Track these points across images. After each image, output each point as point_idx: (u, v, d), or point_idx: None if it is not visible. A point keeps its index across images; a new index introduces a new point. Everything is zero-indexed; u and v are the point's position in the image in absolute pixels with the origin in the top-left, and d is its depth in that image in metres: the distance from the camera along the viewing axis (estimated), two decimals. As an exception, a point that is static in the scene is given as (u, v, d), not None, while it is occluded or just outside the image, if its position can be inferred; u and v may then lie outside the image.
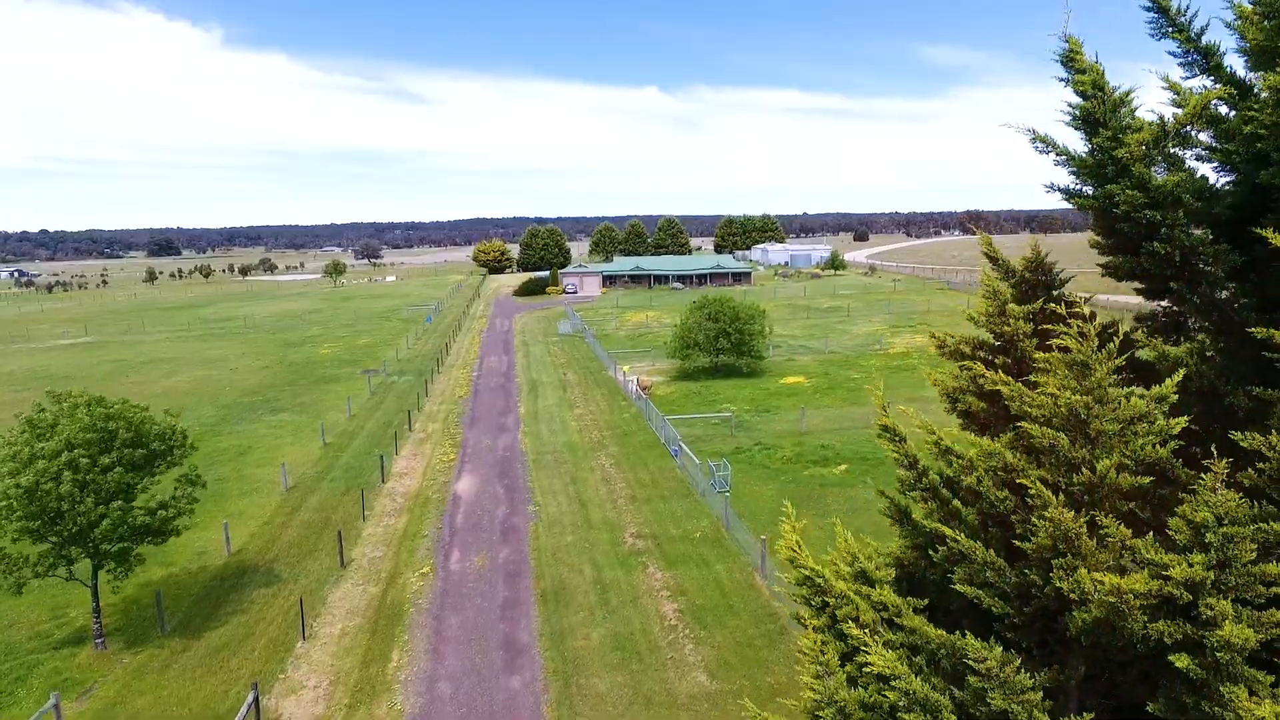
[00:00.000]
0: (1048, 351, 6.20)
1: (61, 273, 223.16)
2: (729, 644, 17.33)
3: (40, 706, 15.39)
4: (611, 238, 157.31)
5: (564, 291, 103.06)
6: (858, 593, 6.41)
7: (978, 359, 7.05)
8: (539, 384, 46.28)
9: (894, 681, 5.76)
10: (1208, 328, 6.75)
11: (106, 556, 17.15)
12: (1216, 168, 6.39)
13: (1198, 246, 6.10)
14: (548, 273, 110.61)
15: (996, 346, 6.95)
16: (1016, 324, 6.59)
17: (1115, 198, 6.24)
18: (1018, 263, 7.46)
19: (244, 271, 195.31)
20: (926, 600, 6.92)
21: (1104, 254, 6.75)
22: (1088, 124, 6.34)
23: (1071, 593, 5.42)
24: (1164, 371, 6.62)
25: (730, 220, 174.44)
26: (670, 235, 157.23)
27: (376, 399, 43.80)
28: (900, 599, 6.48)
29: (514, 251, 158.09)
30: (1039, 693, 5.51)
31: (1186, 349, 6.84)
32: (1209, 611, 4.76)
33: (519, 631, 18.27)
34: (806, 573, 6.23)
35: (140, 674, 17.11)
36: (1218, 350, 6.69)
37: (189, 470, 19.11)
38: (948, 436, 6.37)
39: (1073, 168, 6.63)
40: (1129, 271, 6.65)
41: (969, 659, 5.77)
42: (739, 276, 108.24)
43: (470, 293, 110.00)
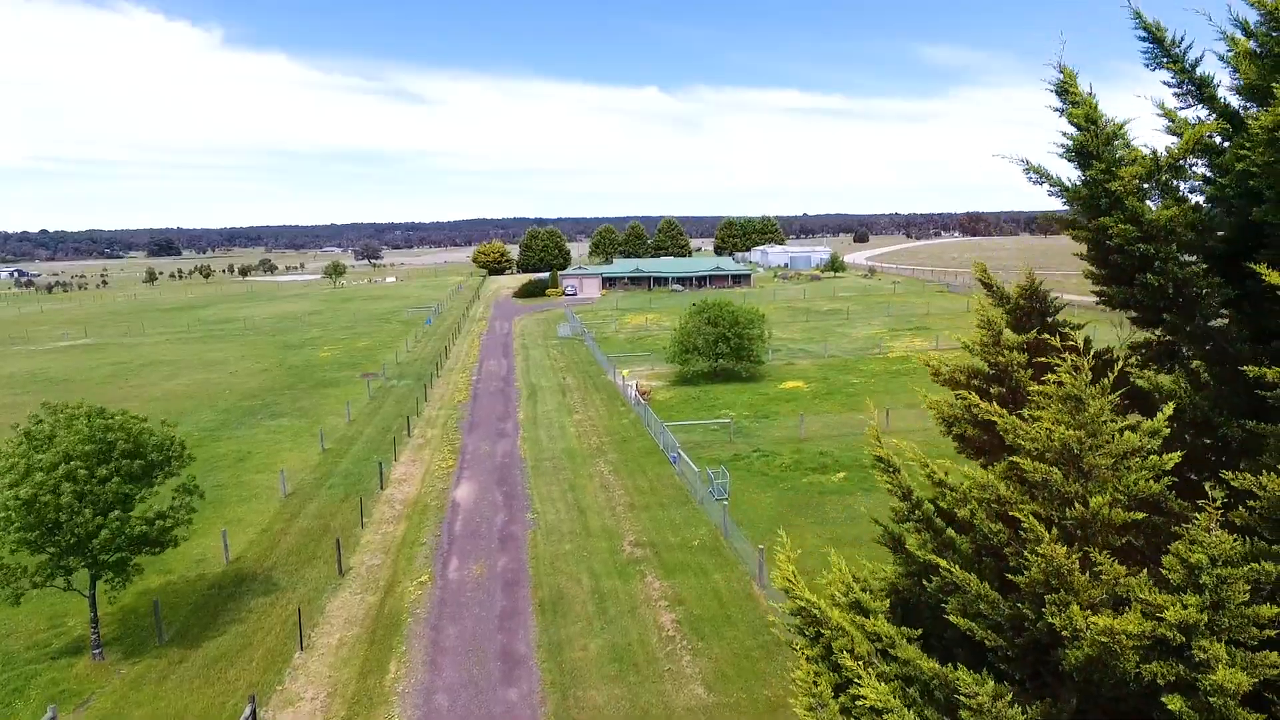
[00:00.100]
0: (1042, 381, 6.21)
1: (61, 273, 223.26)
2: (726, 655, 17.33)
3: (38, 719, 15.40)
4: (611, 239, 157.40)
5: (564, 293, 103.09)
6: (852, 622, 6.41)
7: (973, 387, 7.05)
8: (538, 388, 46.29)
9: (887, 716, 5.76)
10: (1202, 356, 6.75)
11: (104, 567, 17.15)
12: (1210, 201, 6.40)
13: (1191, 279, 6.11)
14: (547, 274, 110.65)
15: (991, 375, 6.96)
16: (1011, 355, 6.60)
17: (1109, 230, 6.25)
18: (1013, 290, 7.47)
19: (244, 272, 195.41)
20: (921, 630, 6.93)
21: (1098, 284, 6.75)
22: (1081, 156, 6.34)
23: (1064, 629, 5.43)
24: (1157, 402, 6.64)
25: (730, 222, 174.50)
26: (670, 237, 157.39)
27: (376, 403, 43.81)
28: (894, 629, 6.48)
29: (514, 253, 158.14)
30: (1031, 727, 5.51)
31: (1180, 379, 6.85)
32: (1202, 654, 4.77)
33: (517, 642, 18.27)
34: (802, 603, 6.23)
35: (138, 685, 17.11)
36: (1213, 377, 6.69)
37: (187, 480, 19.12)
38: (939, 468, 6.37)
39: (1066, 198, 6.63)
40: (1123, 301, 6.66)
41: (961, 693, 5.78)
42: (738, 279, 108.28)
43: (470, 294, 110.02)
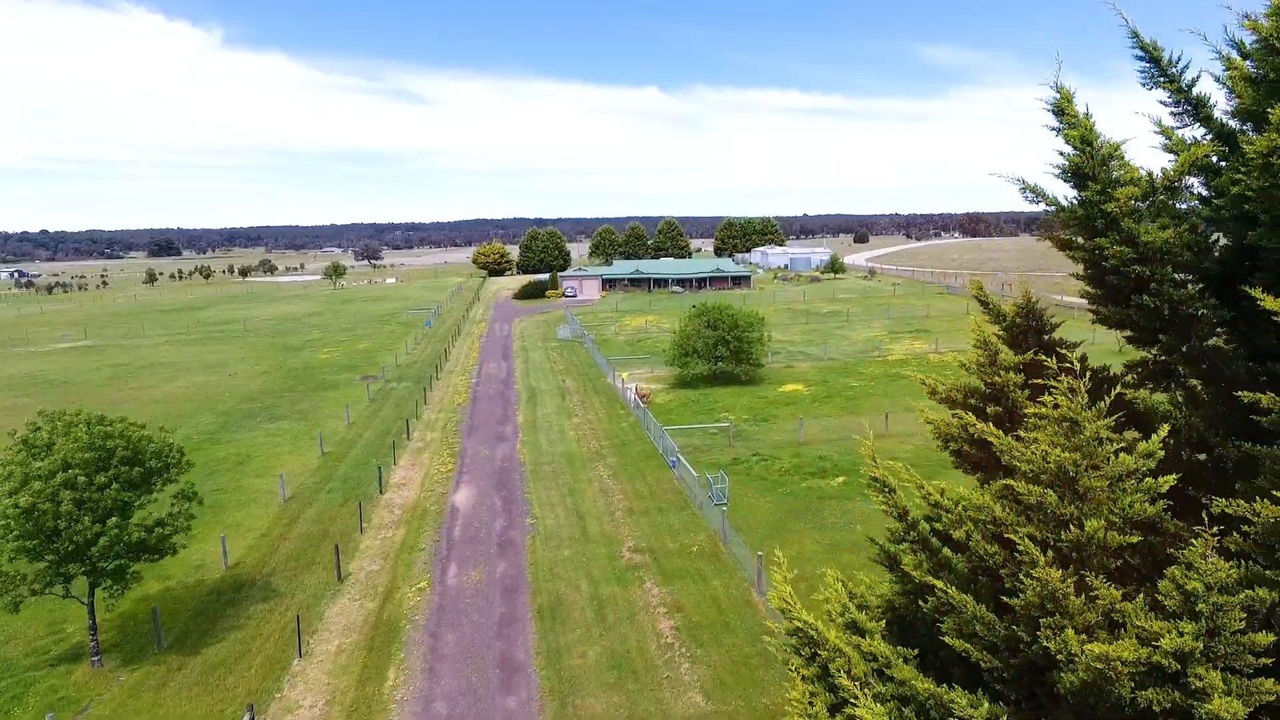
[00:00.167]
0: (1039, 402, 6.21)
1: (61, 273, 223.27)
2: (725, 663, 17.33)
3: (36, 727, 15.42)
4: (611, 240, 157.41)
5: (563, 295, 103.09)
6: (849, 643, 6.41)
7: (969, 406, 7.06)
8: (537, 391, 46.29)
9: (882, 737, 5.76)
10: (1198, 376, 6.76)
11: (103, 574, 17.16)
12: (1206, 221, 6.40)
13: (1187, 301, 6.11)
14: (547, 276, 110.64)
15: (988, 394, 6.96)
16: (1007, 375, 6.60)
17: (1104, 251, 6.26)
18: (1009, 307, 7.47)
19: (244, 273, 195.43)
20: (918, 647, 6.93)
21: (1094, 303, 6.76)
22: (1077, 177, 6.35)
23: (1058, 653, 5.43)
24: (1154, 422, 6.64)
25: (730, 222, 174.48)
26: (670, 238, 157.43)
27: (375, 406, 43.81)
28: (890, 649, 6.48)
29: (514, 254, 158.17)
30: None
31: (1176, 398, 6.86)
32: (1198, 682, 4.76)
33: (515, 649, 18.28)
34: (799, 624, 6.24)
35: (136, 692, 17.12)
36: (1208, 396, 6.70)
37: (185, 487, 19.13)
38: (935, 489, 6.37)
39: (1062, 218, 6.64)
40: (1118, 321, 6.66)
41: (956, 714, 5.78)
42: (738, 280, 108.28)
43: (470, 296, 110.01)
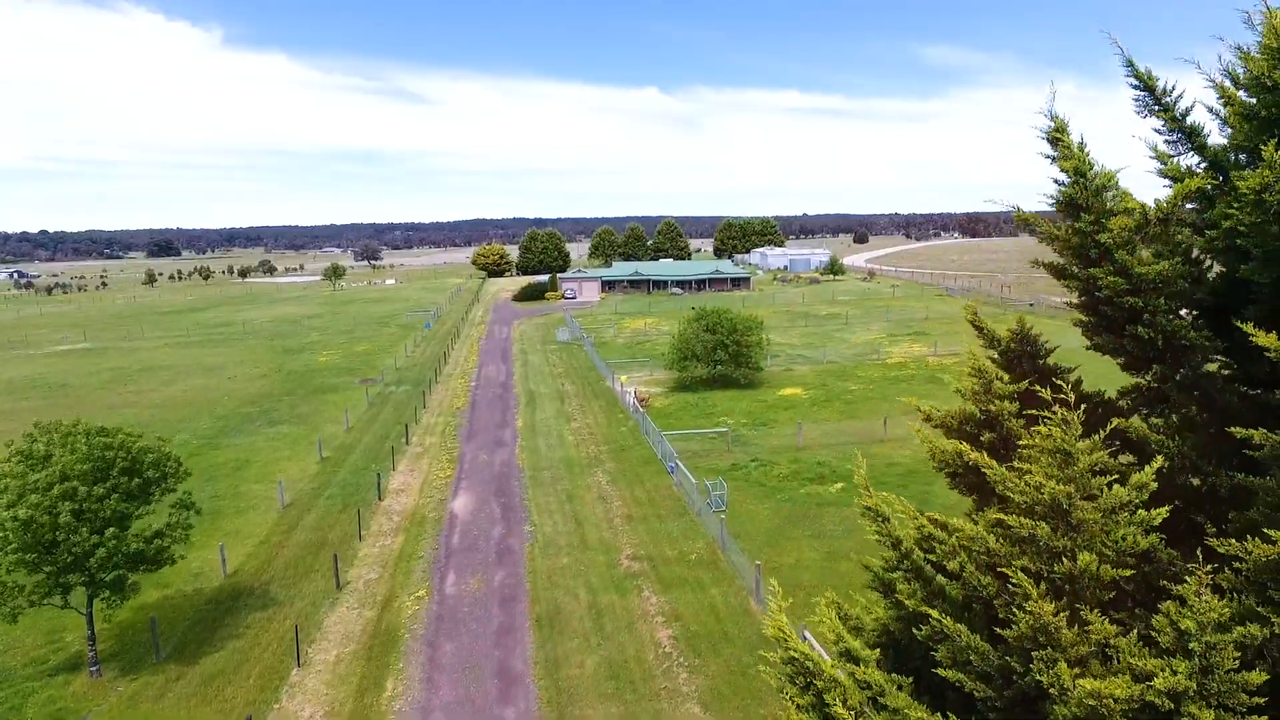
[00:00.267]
0: (1032, 431, 6.23)
1: (61, 274, 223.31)
2: (723, 673, 17.36)
3: (34, 739, 15.43)
4: (611, 241, 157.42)
5: (563, 297, 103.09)
6: (845, 672, 6.43)
7: (965, 432, 7.08)
8: (537, 395, 46.31)
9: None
10: (1192, 403, 6.77)
11: (102, 585, 17.17)
12: (1201, 251, 6.42)
13: (1180, 331, 6.13)
14: (547, 277, 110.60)
15: (982, 421, 6.98)
16: (1002, 404, 6.63)
17: (1098, 281, 6.28)
18: (1003, 333, 7.50)
19: (243, 274, 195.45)
20: (914, 672, 6.95)
21: (1087, 332, 6.78)
22: (1070, 208, 6.37)
23: (1051, 686, 5.45)
24: (1147, 449, 6.66)
25: (730, 223, 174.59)
26: (669, 239, 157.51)
27: (374, 410, 43.82)
28: (885, 677, 6.50)
29: (513, 254, 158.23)
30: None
31: (1170, 424, 6.87)
32: (1189, 721, 4.78)
33: (514, 659, 18.30)
34: (794, 654, 6.26)
35: (135, 703, 17.14)
36: (1202, 425, 6.72)
37: (183, 496, 19.15)
38: (928, 520, 6.40)
39: (1056, 247, 6.66)
40: (1112, 349, 6.68)
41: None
42: (738, 282, 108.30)
43: (469, 297, 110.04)
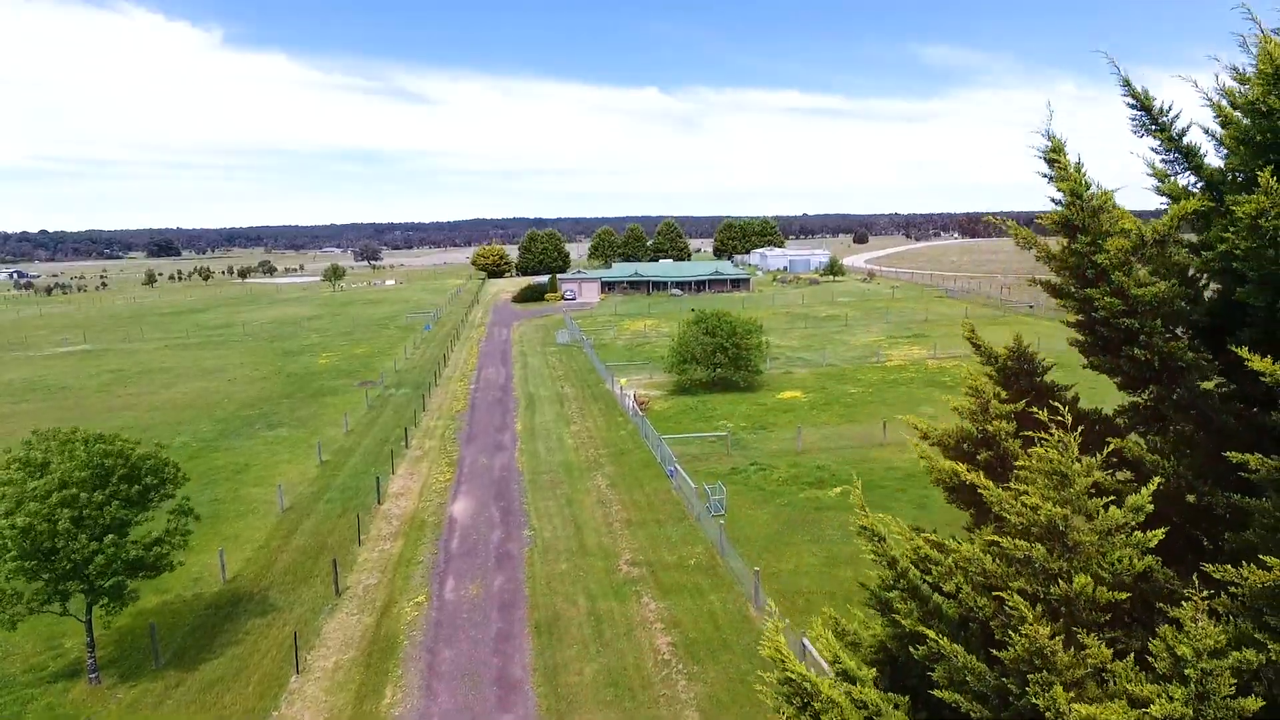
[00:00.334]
0: (1029, 451, 6.24)
1: (61, 274, 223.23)
2: (721, 681, 17.35)
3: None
4: (610, 242, 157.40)
5: (562, 298, 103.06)
6: (843, 693, 6.44)
7: (962, 451, 7.09)
8: (536, 398, 46.31)
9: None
10: (1188, 421, 6.79)
11: (101, 592, 17.17)
12: (1198, 271, 6.43)
13: (1177, 353, 6.14)
14: (546, 278, 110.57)
15: (979, 440, 6.99)
16: (999, 425, 6.64)
17: (1095, 302, 6.29)
18: (1000, 350, 7.51)
19: (243, 274, 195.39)
20: (911, 688, 6.96)
21: (1084, 352, 6.79)
22: (1067, 229, 6.38)
23: (1047, 710, 5.46)
24: (1144, 468, 6.67)
25: (730, 224, 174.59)
26: (669, 239, 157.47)
27: (374, 413, 43.82)
28: (882, 696, 6.51)
29: (513, 255, 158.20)
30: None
31: (1166, 443, 6.88)
32: (1185, 747, 4.80)
33: (513, 666, 18.30)
34: (791, 675, 6.27)
35: (134, 709, 17.14)
36: (1198, 444, 6.72)
37: (182, 502, 19.14)
38: (924, 541, 6.41)
39: (1054, 267, 6.67)
40: (1109, 369, 6.69)
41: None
42: (737, 283, 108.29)
43: (469, 298, 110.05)
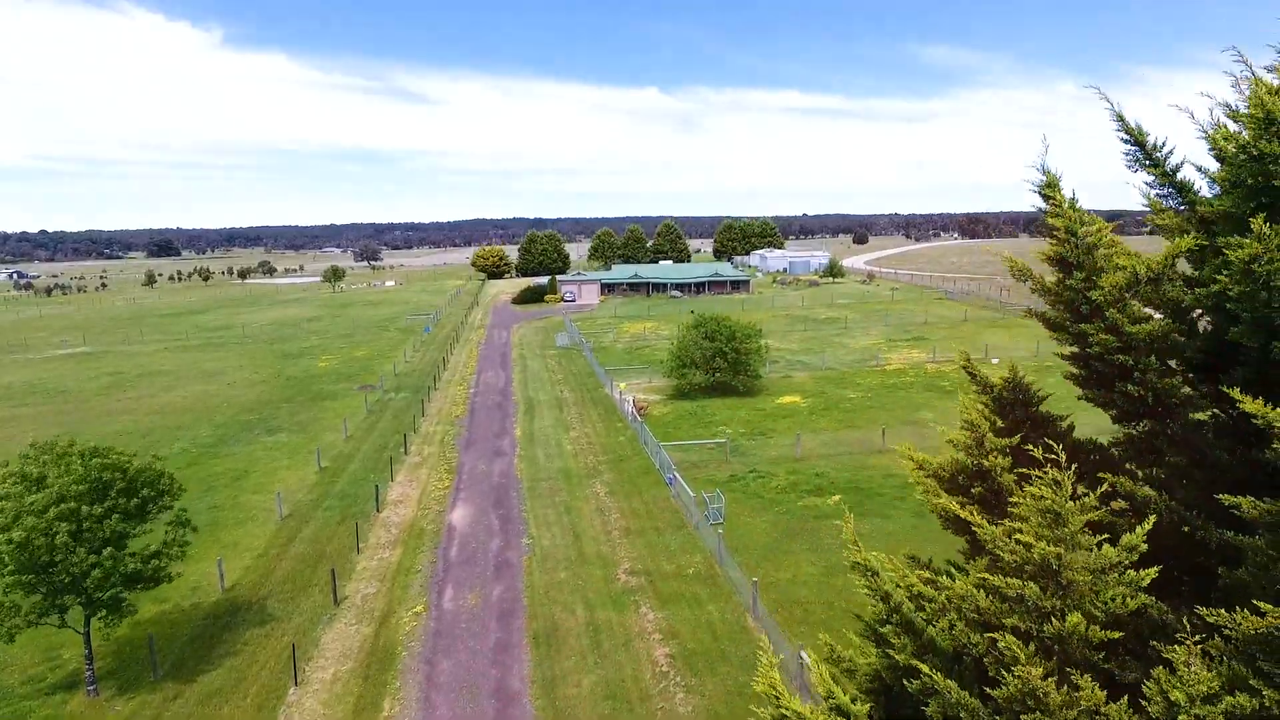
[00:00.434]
0: (1022, 488, 6.24)
1: (60, 274, 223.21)
2: (719, 693, 17.37)
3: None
4: (610, 243, 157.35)
5: (562, 300, 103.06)
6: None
7: (957, 484, 7.10)
8: (535, 403, 46.31)
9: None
10: (1182, 455, 6.79)
11: (99, 605, 17.18)
12: (1193, 306, 6.42)
13: (1171, 389, 6.14)
14: (546, 280, 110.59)
15: (974, 473, 7.00)
16: (994, 460, 6.65)
17: (1089, 337, 6.29)
18: (996, 380, 7.52)
19: (243, 275, 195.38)
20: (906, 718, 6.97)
21: (1079, 385, 6.79)
22: (1062, 265, 6.38)
23: (1041, 751, 5.46)
24: (1136, 502, 6.68)
25: (729, 225, 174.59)
26: (669, 240, 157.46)
27: (373, 418, 43.83)
28: (876, 730, 6.52)
29: (512, 255, 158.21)
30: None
31: (1160, 477, 6.89)
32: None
33: (511, 678, 18.32)
34: (786, 713, 6.28)
35: (132, 722, 17.15)
36: (1192, 480, 6.73)
37: (179, 513, 19.15)
38: (917, 579, 6.42)
39: (1049, 300, 6.67)
40: (1103, 402, 6.70)
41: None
42: (737, 284, 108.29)
43: (469, 300, 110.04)
